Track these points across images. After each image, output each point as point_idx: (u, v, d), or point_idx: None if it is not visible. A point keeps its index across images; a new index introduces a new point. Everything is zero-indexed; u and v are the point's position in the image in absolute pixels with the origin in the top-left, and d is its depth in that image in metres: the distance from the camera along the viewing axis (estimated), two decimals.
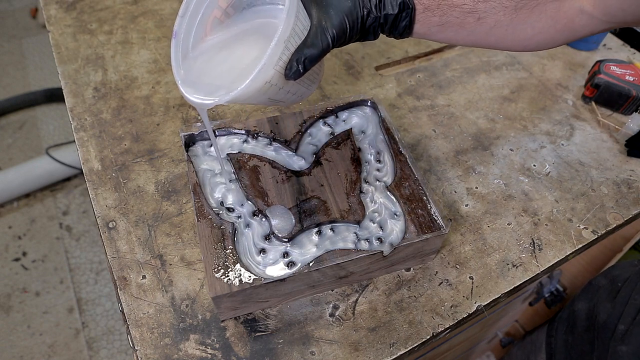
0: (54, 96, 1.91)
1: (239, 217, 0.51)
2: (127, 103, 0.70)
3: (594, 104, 0.76)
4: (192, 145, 0.57)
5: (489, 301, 0.52)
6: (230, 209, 0.51)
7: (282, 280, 0.45)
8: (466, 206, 0.61)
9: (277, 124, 0.59)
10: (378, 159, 0.57)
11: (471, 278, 0.54)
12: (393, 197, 0.53)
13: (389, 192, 0.54)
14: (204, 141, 0.57)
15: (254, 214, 0.51)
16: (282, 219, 0.50)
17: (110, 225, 0.55)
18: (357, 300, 0.51)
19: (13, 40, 2.22)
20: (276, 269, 0.47)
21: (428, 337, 0.49)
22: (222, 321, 0.48)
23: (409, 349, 0.48)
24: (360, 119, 0.61)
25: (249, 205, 0.52)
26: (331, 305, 0.50)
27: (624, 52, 0.87)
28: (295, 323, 0.49)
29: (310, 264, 0.46)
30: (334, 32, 0.41)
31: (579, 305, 0.71)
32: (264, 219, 0.51)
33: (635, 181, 0.65)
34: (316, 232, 0.50)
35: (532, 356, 0.84)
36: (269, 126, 0.59)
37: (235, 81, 0.40)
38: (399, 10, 0.44)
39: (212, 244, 0.47)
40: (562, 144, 0.70)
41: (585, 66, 0.83)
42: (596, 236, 0.59)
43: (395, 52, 0.82)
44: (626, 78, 0.73)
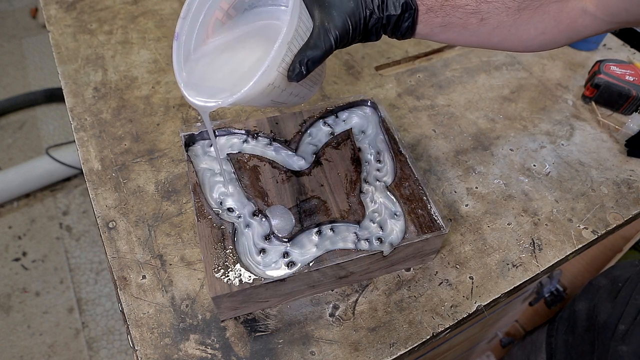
0: (54, 96, 1.91)
1: (239, 217, 0.51)
2: (127, 103, 0.70)
3: (594, 104, 0.76)
4: (192, 145, 0.57)
5: (489, 301, 0.52)
6: (230, 209, 0.51)
7: (282, 280, 0.45)
8: (466, 206, 0.61)
9: (277, 124, 0.59)
10: (378, 159, 0.57)
11: (471, 278, 0.54)
12: (393, 197, 0.53)
13: (389, 192, 0.54)
14: (204, 141, 0.57)
15: (254, 214, 0.51)
16: (282, 219, 0.50)
17: (110, 225, 0.55)
18: (357, 300, 0.51)
19: (13, 40, 2.22)
20: (276, 269, 0.47)
21: (428, 337, 0.49)
22: (222, 321, 0.48)
23: (409, 349, 0.48)
24: (360, 119, 0.61)
25: (249, 205, 0.52)
26: (331, 305, 0.50)
27: (624, 52, 0.87)
28: (295, 323, 0.49)
29: (310, 264, 0.46)
30: (336, 34, 0.41)
31: (580, 306, 0.71)
32: (264, 219, 0.51)
33: (635, 181, 0.65)
34: (316, 232, 0.50)
35: (532, 356, 0.84)
36: (269, 126, 0.59)
37: (238, 83, 0.40)
38: (402, 11, 0.43)
39: (212, 244, 0.47)
40: (562, 144, 0.70)
41: (585, 66, 0.83)
42: (596, 236, 0.59)
43: (395, 52, 0.82)
44: (626, 78, 0.73)
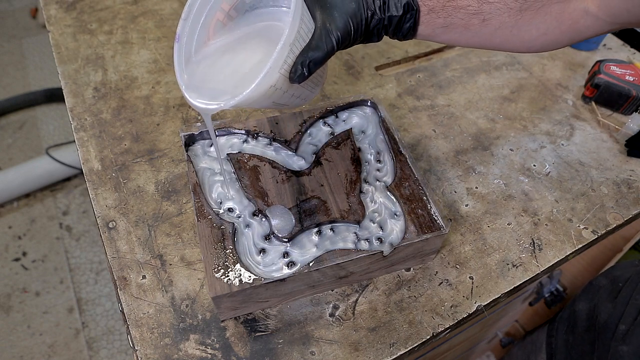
0: (54, 96, 1.91)
1: (239, 217, 0.51)
2: (127, 103, 0.70)
3: (594, 104, 0.76)
4: (192, 145, 0.57)
5: (489, 301, 0.52)
6: (230, 209, 0.51)
7: (282, 280, 0.45)
8: (466, 206, 0.61)
9: (277, 124, 0.59)
10: (378, 159, 0.57)
11: (471, 278, 0.54)
12: (393, 197, 0.53)
13: (389, 192, 0.54)
14: (204, 140, 0.57)
15: (254, 214, 0.51)
16: (282, 219, 0.50)
17: (110, 225, 0.55)
18: (357, 300, 0.51)
19: (13, 40, 2.22)
20: (276, 269, 0.47)
21: (428, 337, 0.49)
22: (222, 321, 0.48)
23: (409, 349, 0.48)
24: (360, 119, 0.61)
25: (249, 205, 0.52)
26: (331, 305, 0.50)
27: (624, 52, 0.87)
28: (295, 323, 0.49)
29: (310, 264, 0.46)
30: (338, 35, 0.41)
31: (580, 306, 0.71)
32: (264, 219, 0.51)
33: (635, 181, 0.65)
34: (316, 232, 0.50)
35: (532, 356, 0.84)
36: (269, 126, 0.59)
37: (239, 85, 0.40)
38: (404, 12, 0.43)
39: (212, 244, 0.47)
40: (562, 144, 0.70)
41: (585, 66, 0.83)
42: (596, 236, 0.59)
43: (395, 52, 0.82)
44: (626, 78, 0.73)
